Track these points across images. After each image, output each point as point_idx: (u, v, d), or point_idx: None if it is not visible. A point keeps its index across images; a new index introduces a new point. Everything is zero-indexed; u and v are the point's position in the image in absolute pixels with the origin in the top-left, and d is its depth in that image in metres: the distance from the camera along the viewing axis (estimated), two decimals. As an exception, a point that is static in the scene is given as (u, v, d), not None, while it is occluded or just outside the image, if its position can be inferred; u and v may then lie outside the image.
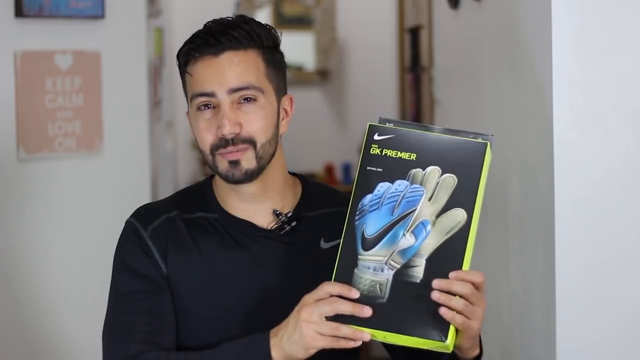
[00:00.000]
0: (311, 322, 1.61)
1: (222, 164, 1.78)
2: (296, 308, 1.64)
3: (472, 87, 2.91)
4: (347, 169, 6.16)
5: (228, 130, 1.75)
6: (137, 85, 3.39)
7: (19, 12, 3.05)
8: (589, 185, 2.26)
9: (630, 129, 2.27)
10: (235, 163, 1.77)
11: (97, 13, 3.20)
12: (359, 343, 1.61)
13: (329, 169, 6.15)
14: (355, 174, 1.70)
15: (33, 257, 3.14)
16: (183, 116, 6.71)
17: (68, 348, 3.21)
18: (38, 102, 3.12)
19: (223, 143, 1.76)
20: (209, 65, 1.77)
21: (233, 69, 1.77)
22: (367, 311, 1.59)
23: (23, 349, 3.12)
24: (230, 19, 1.81)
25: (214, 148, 1.77)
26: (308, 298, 1.63)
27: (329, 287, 1.62)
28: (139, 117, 3.40)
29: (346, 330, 1.60)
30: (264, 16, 6.27)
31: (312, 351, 1.62)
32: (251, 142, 1.77)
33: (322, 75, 6.31)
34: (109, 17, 3.25)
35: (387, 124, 1.70)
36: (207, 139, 1.78)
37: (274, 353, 1.65)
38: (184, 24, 5.86)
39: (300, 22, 6.28)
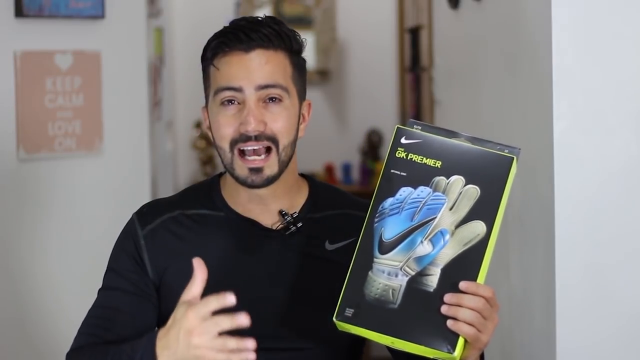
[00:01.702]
0: (203, 345, 1.56)
1: (241, 170, 1.77)
2: (184, 326, 1.56)
3: (472, 87, 2.91)
4: (347, 169, 6.16)
5: (253, 128, 1.74)
6: (137, 85, 3.39)
7: (19, 12, 3.05)
8: (589, 185, 2.26)
9: (630, 129, 2.27)
10: (257, 170, 1.76)
11: (97, 13, 3.20)
12: (250, 355, 1.56)
13: (329, 169, 6.14)
14: (355, 175, 1.70)
15: (33, 257, 3.14)
16: (183, 116, 6.64)
17: (66, 348, 3.20)
18: (38, 102, 3.12)
19: (244, 138, 1.75)
20: (238, 61, 1.76)
21: (262, 67, 1.76)
22: (244, 320, 1.54)
23: (23, 349, 3.12)
24: (260, 18, 1.81)
25: (234, 142, 1.76)
26: (193, 319, 1.56)
27: (208, 306, 1.55)
28: (139, 117, 3.40)
29: (231, 343, 1.55)
30: (264, 16, 6.27)
31: None
32: (274, 141, 1.76)
33: (322, 75, 6.31)
34: (109, 17, 3.25)
35: (414, 126, 1.69)
36: (228, 134, 1.76)
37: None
38: (184, 24, 5.86)
39: (300, 22, 6.27)
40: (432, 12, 4.21)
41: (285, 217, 1.82)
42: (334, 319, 1.61)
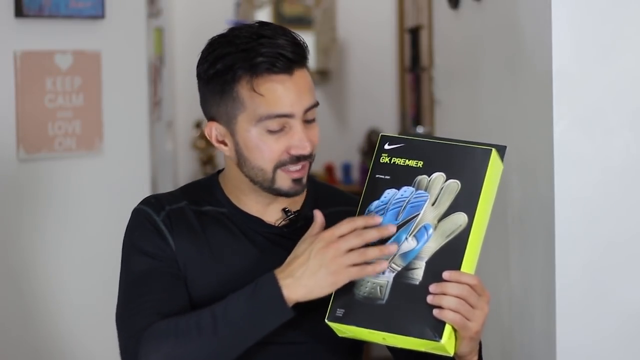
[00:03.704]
0: (339, 257, 1.62)
1: (285, 182, 1.77)
2: (315, 246, 1.64)
3: (472, 87, 2.91)
4: (347, 169, 6.16)
5: (309, 151, 1.76)
6: (137, 85, 3.40)
7: (19, 12, 3.05)
8: (589, 185, 2.26)
9: (630, 129, 2.27)
10: (299, 180, 1.78)
11: (97, 13, 3.21)
12: (384, 266, 1.62)
13: (329, 169, 6.15)
14: (355, 174, 1.72)
15: (33, 257, 3.14)
16: (183, 116, 6.62)
17: (68, 347, 3.21)
18: (38, 102, 3.12)
19: (294, 160, 1.76)
20: (287, 85, 1.73)
21: (306, 87, 1.75)
22: (391, 228, 1.63)
23: (24, 348, 3.12)
24: (289, 33, 1.76)
25: (280, 164, 1.76)
26: (329, 235, 1.63)
27: (355, 223, 1.64)
28: (139, 117, 3.40)
29: (373, 252, 1.62)
30: (264, 16, 6.27)
31: (341, 284, 1.63)
32: (312, 156, 1.79)
33: (322, 75, 6.31)
34: (109, 17, 3.25)
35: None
36: (274, 158, 1.75)
37: (289, 292, 1.64)
38: (184, 24, 5.86)
39: (300, 22, 6.27)
40: (432, 12, 4.21)
41: (288, 214, 1.84)
42: (325, 320, 1.65)
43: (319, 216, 1.70)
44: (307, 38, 1.86)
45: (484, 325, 1.64)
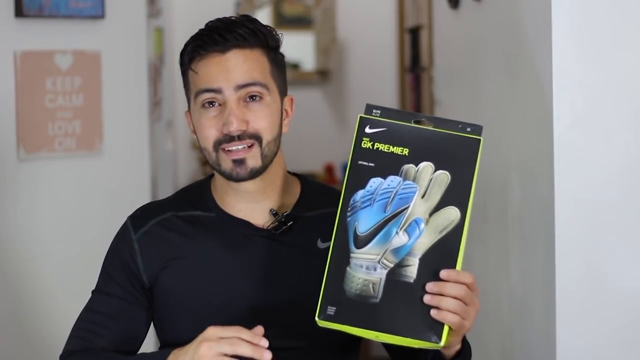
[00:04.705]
0: (207, 357, 1.60)
1: (226, 163, 1.77)
2: (199, 338, 1.63)
3: (472, 87, 2.91)
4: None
5: (235, 128, 1.74)
6: (137, 85, 3.40)
7: (19, 12, 3.05)
8: (589, 185, 2.26)
9: (630, 129, 2.27)
10: (240, 162, 1.76)
11: (97, 13, 3.21)
12: None
13: (329, 169, 6.15)
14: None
15: (33, 257, 3.14)
16: (183, 116, 6.72)
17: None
18: (38, 102, 3.12)
19: (227, 138, 1.75)
20: (216, 63, 1.77)
21: (240, 66, 1.76)
22: (267, 356, 1.59)
23: (21, 350, 3.12)
24: (234, 18, 1.82)
25: (217, 143, 1.76)
26: (212, 333, 1.62)
27: (241, 333, 1.61)
28: (139, 117, 3.40)
29: None
30: (264, 16, 6.27)
31: None
32: (257, 138, 1.76)
33: (322, 75, 6.31)
34: (109, 17, 3.25)
35: (374, 111, 1.65)
36: (211, 135, 1.77)
37: None
38: (184, 24, 5.86)
39: (300, 22, 6.28)
40: (432, 12, 4.22)
41: (277, 216, 1.82)
42: (316, 318, 1.60)
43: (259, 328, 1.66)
44: (307, 38, 1.88)
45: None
